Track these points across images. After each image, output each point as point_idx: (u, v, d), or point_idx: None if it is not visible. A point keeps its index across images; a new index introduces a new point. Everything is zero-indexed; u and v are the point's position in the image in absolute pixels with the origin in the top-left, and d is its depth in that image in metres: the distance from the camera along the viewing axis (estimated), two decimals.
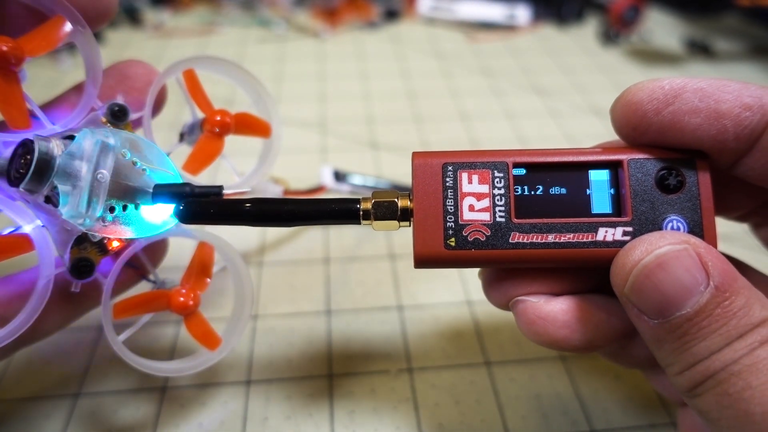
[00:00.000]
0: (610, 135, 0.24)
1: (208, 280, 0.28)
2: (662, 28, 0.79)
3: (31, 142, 0.23)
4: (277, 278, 0.38)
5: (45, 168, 0.22)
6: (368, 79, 0.65)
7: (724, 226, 0.28)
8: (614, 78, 0.66)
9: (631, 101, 0.21)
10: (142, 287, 0.28)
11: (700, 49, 0.72)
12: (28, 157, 0.22)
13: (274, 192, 0.39)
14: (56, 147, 0.23)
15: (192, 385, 0.31)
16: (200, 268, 0.28)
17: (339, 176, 0.44)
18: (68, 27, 0.24)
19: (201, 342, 0.27)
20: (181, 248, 0.31)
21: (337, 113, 0.58)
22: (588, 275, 0.24)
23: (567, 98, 0.62)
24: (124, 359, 0.25)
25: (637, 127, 0.22)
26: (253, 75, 0.30)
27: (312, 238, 0.42)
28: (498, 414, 0.30)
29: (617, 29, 0.74)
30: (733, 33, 0.78)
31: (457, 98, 0.61)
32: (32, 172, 0.22)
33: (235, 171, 0.30)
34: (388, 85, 0.64)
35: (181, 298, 0.26)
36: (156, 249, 0.29)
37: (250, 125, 0.30)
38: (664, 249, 0.20)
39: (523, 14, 0.79)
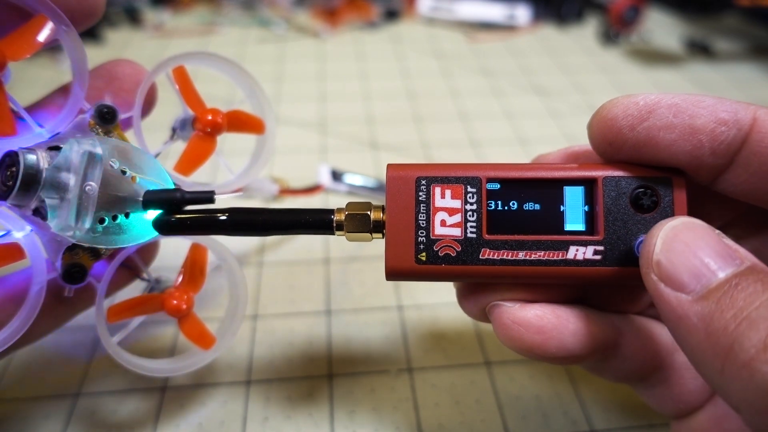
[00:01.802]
0: None
1: (203, 280, 0.28)
2: (662, 28, 0.79)
3: (16, 154, 0.22)
4: (277, 278, 0.38)
5: (31, 182, 0.22)
6: (368, 79, 0.65)
7: None
8: (614, 78, 0.66)
9: (606, 117, 0.21)
10: (135, 284, 0.28)
11: (700, 49, 0.72)
12: (14, 169, 0.22)
13: (270, 190, 0.38)
14: (42, 159, 0.22)
15: (192, 385, 0.31)
16: (194, 269, 0.27)
17: (336, 175, 0.44)
18: (51, 26, 0.23)
19: (195, 342, 0.27)
20: (175, 244, 0.31)
21: (337, 113, 0.58)
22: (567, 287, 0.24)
23: (567, 98, 0.62)
24: (118, 361, 0.25)
25: (612, 143, 0.21)
26: (246, 70, 0.29)
27: (312, 238, 0.42)
28: (498, 414, 0.30)
29: (617, 29, 0.74)
30: (733, 33, 0.78)
31: (457, 98, 0.61)
32: (18, 186, 0.22)
33: (230, 169, 0.30)
34: (388, 85, 0.64)
35: (175, 301, 0.26)
36: (147, 248, 0.29)
37: (243, 122, 0.29)
38: (690, 218, 0.20)
39: (523, 14, 0.79)
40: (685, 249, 0.18)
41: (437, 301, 0.37)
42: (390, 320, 0.35)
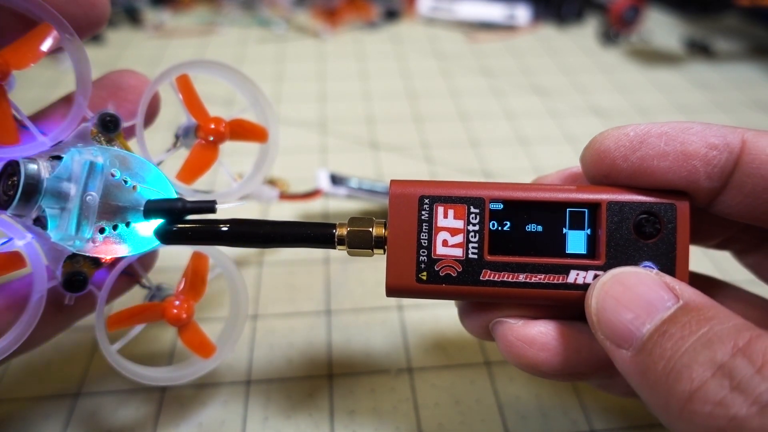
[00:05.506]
0: None
1: (204, 289, 0.27)
2: (662, 28, 0.79)
3: (17, 164, 0.22)
4: (277, 278, 0.38)
5: (32, 192, 0.22)
6: (368, 79, 0.65)
7: None
8: (614, 78, 0.66)
9: (598, 150, 0.22)
10: (136, 290, 0.28)
11: (700, 49, 0.72)
12: (15, 179, 0.22)
13: (269, 196, 0.38)
14: (43, 169, 0.22)
15: (192, 385, 0.31)
16: (195, 278, 0.27)
17: (335, 180, 0.44)
18: (55, 35, 0.23)
19: (195, 351, 0.27)
20: (177, 248, 0.30)
21: (337, 113, 0.58)
22: None
23: (567, 98, 0.62)
24: (119, 370, 0.25)
25: (608, 175, 0.22)
26: (249, 78, 0.29)
27: None
28: (498, 414, 0.30)
29: (617, 29, 0.74)
30: (733, 33, 0.78)
31: (457, 98, 0.61)
32: (19, 196, 0.22)
33: (231, 177, 0.30)
34: (388, 85, 0.64)
35: (175, 311, 0.26)
36: (147, 255, 0.28)
37: (246, 131, 0.29)
38: (623, 269, 0.20)
39: (523, 14, 0.79)
40: (616, 305, 0.19)
41: (437, 301, 0.37)
42: (390, 320, 0.35)
